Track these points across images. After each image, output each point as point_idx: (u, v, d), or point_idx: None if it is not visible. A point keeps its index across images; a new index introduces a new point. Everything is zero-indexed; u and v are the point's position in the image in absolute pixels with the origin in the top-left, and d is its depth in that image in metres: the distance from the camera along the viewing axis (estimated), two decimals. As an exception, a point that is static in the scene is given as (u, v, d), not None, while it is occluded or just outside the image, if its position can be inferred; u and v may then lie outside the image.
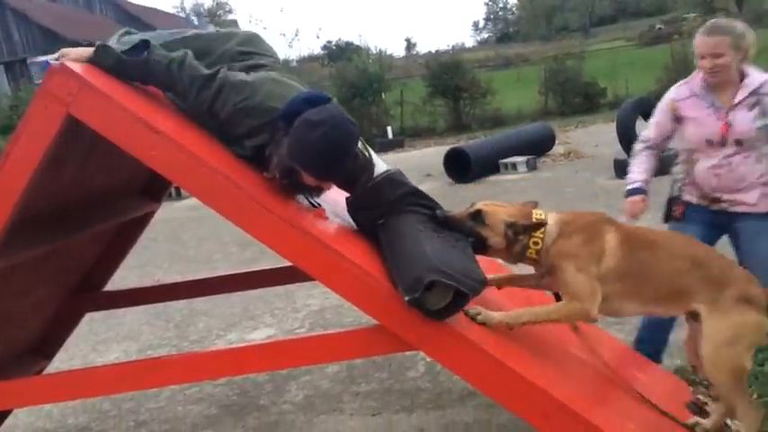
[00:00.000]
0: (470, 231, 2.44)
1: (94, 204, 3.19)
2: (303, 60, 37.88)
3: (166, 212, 11.64)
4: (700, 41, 3.09)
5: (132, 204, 3.60)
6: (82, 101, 2.29)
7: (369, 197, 2.53)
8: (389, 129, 19.38)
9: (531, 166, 11.43)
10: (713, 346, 2.36)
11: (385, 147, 17.59)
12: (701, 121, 3.13)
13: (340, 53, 38.15)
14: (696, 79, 3.19)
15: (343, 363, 4.15)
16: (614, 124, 10.25)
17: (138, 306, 4.76)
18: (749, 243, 3.14)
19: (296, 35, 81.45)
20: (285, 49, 36.02)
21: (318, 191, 2.52)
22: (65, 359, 4.45)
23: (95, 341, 5.33)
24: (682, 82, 3.30)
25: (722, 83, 3.09)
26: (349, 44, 42.02)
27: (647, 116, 10.42)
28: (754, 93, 3.04)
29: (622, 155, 9.44)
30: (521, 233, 2.42)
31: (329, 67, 29.49)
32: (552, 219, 2.50)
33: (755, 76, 3.09)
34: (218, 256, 7.86)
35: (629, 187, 3.37)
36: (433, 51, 29.21)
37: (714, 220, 3.20)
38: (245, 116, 2.38)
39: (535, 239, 2.43)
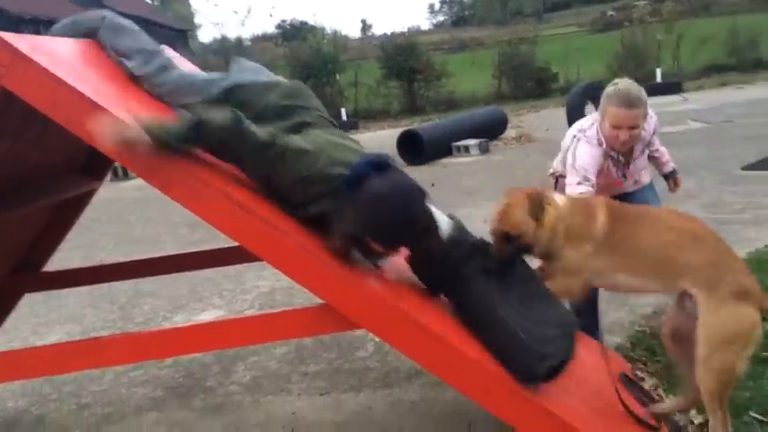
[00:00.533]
0: (522, 250, 2.48)
1: (31, 181, 3.08)
2: (256, 39, 37.32)
3: (112, 192, 11.37)
4: (618, 113, 2.94)
5: (72, 182, 3.48)
6: (15, 73, 2.19)
7: (434, 261, 2.38)
8: (343, 110, 19.28)
9: (484, 149, 11.52)
10: (710, 347, 2.28)
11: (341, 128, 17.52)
12: (613, 172, 3.20)
13: (294, 33, 37.67)
14: (600, 140, 3.07)
15: (291, 344, 4.14)
16: (565, 109, 10.42)
17: (82, 287, 4.63)
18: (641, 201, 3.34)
19: (248, 13, 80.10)
20: (237, 28, 35.28)
21: (384, 256, 2.46)
22: (3, 342, 4.31)
23: (36, 323, 5.17)
24: (591, 146, 3.07)
25: None
26: (303, 24, 41.56)
27: (595, 101, 10.67)
28: (646, 141, 3.24)
29: (572, 139, 9.64)
30: (540, 211, 2.45)
31: (283, 46, 29.10)
32: (556, 198, 2.56)
33: (647, 127, 3.14)
34: (167, 238, 7.71)
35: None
36: (389, 33, 29.10)
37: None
38: (307, 185, 2.29)
39: (547, 224, 2.47)
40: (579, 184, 3.01)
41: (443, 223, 2.39)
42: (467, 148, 11.48)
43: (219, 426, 3.33)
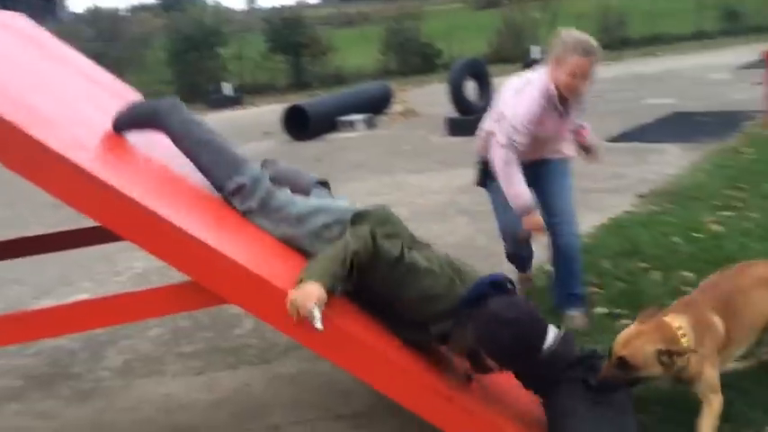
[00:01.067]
0: (628, 382, 2.31)
1: None
2: (134, 10, 35.36)
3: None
4: (579, 62, 3.03)
5: None
6: None
7: (538, 371, 2.34)
8: (226, 85, 18.67)
9: (370, 124, 11.57)
10: None
11: (221, 104, 17.01)
12: (549, 127, 3.29)
13: (174, 3, 36.01)
14: (551, 87, 3.16)
15: (166, 325, 4.00)
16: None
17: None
18: (557, 181, 3.50)
19: (126, -18, 75.84)
20: (113, -2, 33.41)
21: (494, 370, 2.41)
22: None
23: None
24: (539, 88, 3.18)
25: None
26: (185, -6, 39.79)
27: (476, 77, 10.88)
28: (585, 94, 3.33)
29: (453, 114, 9.85)
30: (676, 357, 2.26)
31: (162, 17, 27.78)
32: (684, 325, 2.36)
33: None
34: (32, 220, 7.23)
35: (525, 203, 3.26)
36: (277, 6, 28.47)
37: (530, 171, 3.33)
38: (433, 303, 2.33)
39: (692, 366, 2.32)
40: (503, 147, 3.21)
41: (550, 337, 2.31)
42: (352, 124, 11.49)
43: (89, 412, 3.18)
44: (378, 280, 2.34)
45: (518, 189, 3.24)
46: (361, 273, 2.29)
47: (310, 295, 2.08)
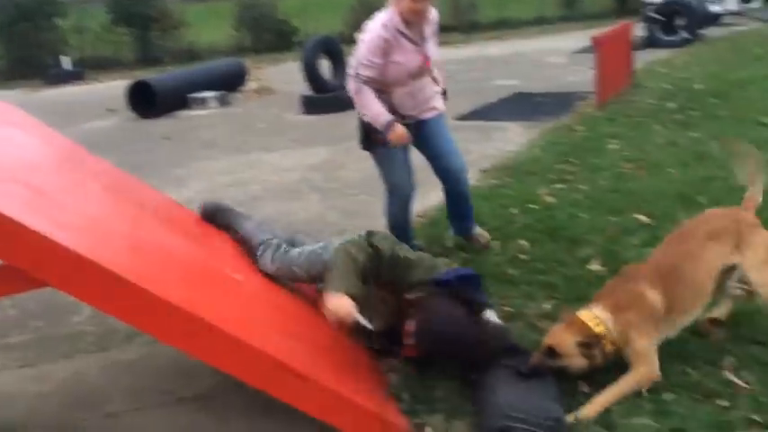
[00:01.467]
0: (556, 369, 2.51)
1: None
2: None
3: None
4: None
5: None
6: None
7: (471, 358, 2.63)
8: (65, 59, 17.28)
9: (223, 102, 11.22)
10: (755, 274, 2.67)
11: (60, 79, 15.80)
12: (407, 57, 3.42)
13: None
14: (395, 18, 3.35)
15: (-9, 315, 3.68)
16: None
17: None
18: (441, 135, 3.79)
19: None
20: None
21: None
22: None
23: None
24: (382, 21, 3.39)
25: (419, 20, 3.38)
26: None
27: (330, 54, 10.81)
28: (435, 24, 3.55)
29: (308, 92, 9.78)
30: (594, 346, 2.47)
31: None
32: (601, 311, 2.54)
33: (433, 10, 3.49)
34: None
35: (385, 120, 3.45)
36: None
37: (414, 133, 3.60)
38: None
39: (605, 341, 2.49)
40: (352, 79, 3.44)
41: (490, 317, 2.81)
42: (204, 101, 11.08)
43: None
44: (386, 275, 2.78)
45: (375, 109, 3.45)
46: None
47: (344, 305, 2.48)
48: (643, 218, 4.18)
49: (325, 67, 10.06)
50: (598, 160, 5.59)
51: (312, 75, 9.56)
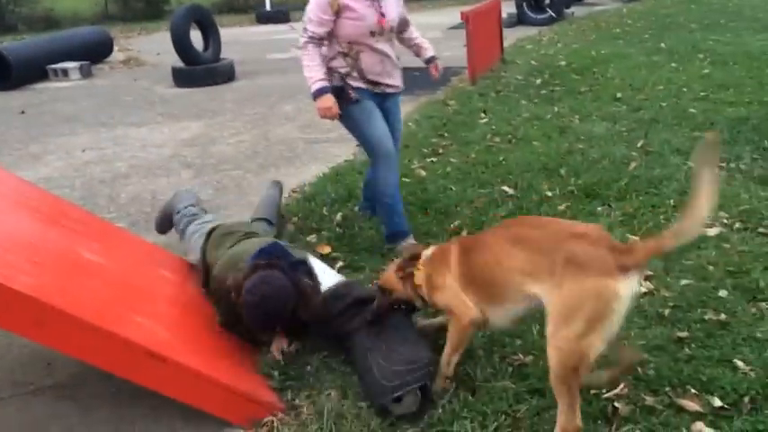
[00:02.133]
0: (395, 304, 2.62)
1: None
2: None
3: None
4: None
5: None
6: None
7: (319, 315, 2.71)
8: None
9: (86, 73, 10.54)
10: (553, 324, 2.04)
11: None
12: (362, 14, 3.31)
13: None
14: None
15: None
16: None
17: None
18: (397, 120, 3.76)
19: None
20: None
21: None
22: None
23: None
24: None
25: None
26: None
27: (201, 25, 10.37)
28: None
29: (180, 63, 9.37)
30: (406, 269, 2.55)
31: None
32: (425, 253, 2.59)
33: None
34: None
35: (316, 88, 3.31)
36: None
37: (376, 100, 3.55)
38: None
39: (417, 282, 2.54)
40: (302, 37, 3.35)
41: (326, 282, 2.85)
42: (65, 72, 10.36)
43: None
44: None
45: (312, 72, 3.32)
46: None
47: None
48: (509, 189, 4.36)
49: (197, 37, 9.67)
50: (469, 134, 5.76)
51: (182, 46, 9.15)
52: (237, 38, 14.14)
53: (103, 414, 2.51)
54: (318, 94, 3.32)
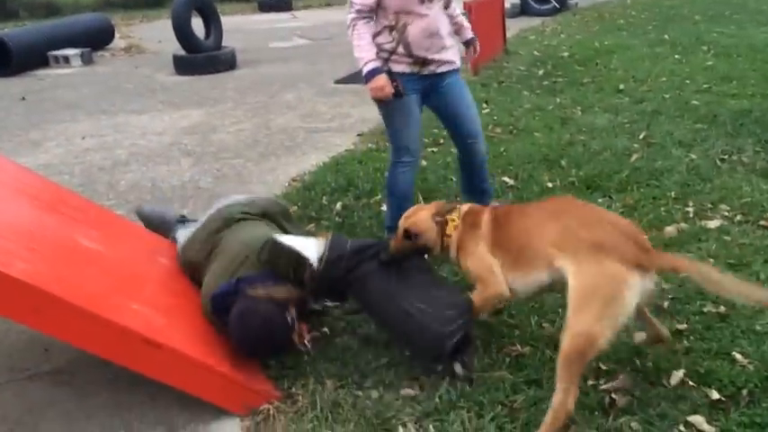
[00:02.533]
0: (418, 251, 2.57)
1: None
2: None
3: None
4: None
5: None
6: None
7: (321, 285, 2.56)
8: None
9: (87, 60, 10.53)
10: (571, 308, 2.09)
11: None
12: None
13: None
14: None
15: None
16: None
17: None
18: (462, 99, 3.42)
19: None
20: None
21: None
22: None
23: None
24: None
25: None
26: None
27: (201, 12, 10.33)
28: None
29: (181, 51, 9.34)
30: (445, 214, 2.52)
31: None
32: (461, 210, 2.58)
33: None
34: None
35: (367, 69, 3.11)
36: None
37: (422, 86, 3.29)
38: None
39: (448, 231, 2.53)
40: (349, 14, 3.14)
41: (312, 252, 2.55)
42: (67, 59, 10.34)
43: None
44: None
45: (363, 51, 3.11)
46: None
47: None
48: (510, 180, 4.35)
49: (199, 26, 9.64)
50: (470, 124, 5.73)
51: (183, 33, 9.13)
52: (239, 26, 14.10)
53: (100, 400, 2.51)
54: (370, 75, 3.11)
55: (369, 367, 2.54)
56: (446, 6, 3.34)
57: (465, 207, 2.63)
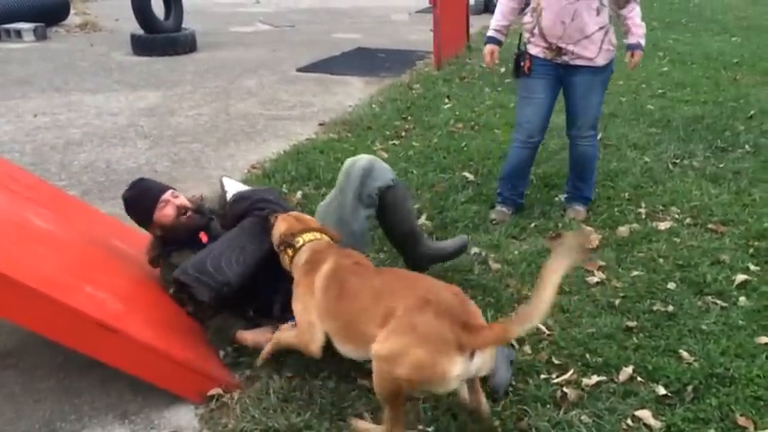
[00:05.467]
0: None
1: None
2: None
3: None
4: None
5: None
6: None
7: (226, 219, 2.78)
8: None
9: (40, 36, 10.18)
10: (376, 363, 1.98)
11: None
12: None
13: None
14: None
15: None
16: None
17: None
18: (582, 98, 3.50)
19: None
20: None
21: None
22: None
23: None
24: None
25: None
26: None
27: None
28: None
29: (139, 31, 9.11)
30: (285, 245, 2.43)
31: None
32: (308, 245, 2.41)
33: None
34: None
35: (488, 34, 3.60)
36: None
37: (557, 73, 3.44)
38: None
39: (290, 254, 2.43)
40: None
41: (233, 190, 2.92)
42: (19, 33, 9.99)
43: None
44: None
45: (492, 21, 3.64)
46: None
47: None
48: (470, 175, 4.39)
49: (158, 5, 9.41)
50: (432, 119, 5.77)
51: (143, 12, 8.89)
52: (201, 8, 13.82)
53: (50, 384, 2.45)
54: (485, 42, 3.62)
55: (325, 357, 2.54)
56: (620, 7, 3.38)
57: (310, 242, 2.42)
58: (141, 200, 2.77)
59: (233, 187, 2.98)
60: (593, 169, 3.83)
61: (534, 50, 3.44)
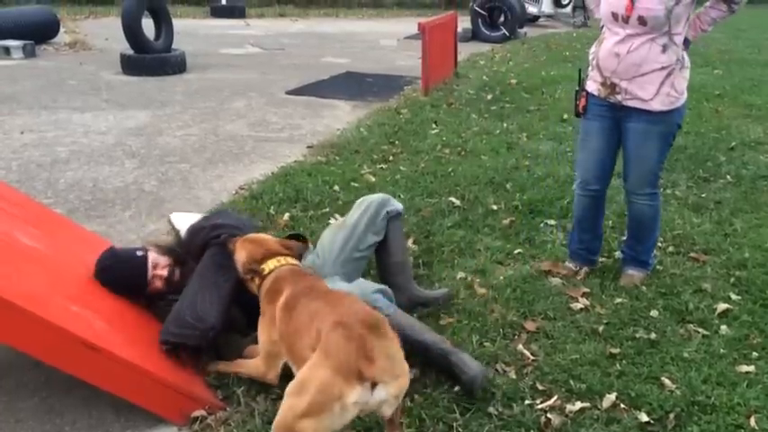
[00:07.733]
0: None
1: None
2: None
3: None
4: None
5: None
6: None
7: (191, 254, 2.74)
8: None
9: (29, 53, 10.19)
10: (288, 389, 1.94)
11: None
12: None
13: None
14: None
15: None
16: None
17: None
18: (636, 148, 3.09)
19: None
20: None
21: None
22: None
23: None
24: None
25: None
26: None
27: (153, 12, 10.15)
28: None
29: (129, 50, 9.14)
30: (250, 275, 2.44)
31: None
32: (275, 272, 2.41)
33: None
34: None
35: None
36: None
37: (613, 115, 3.09)
38: None
39: (257, 281, 2.43)
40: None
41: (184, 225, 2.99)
42: (7, 50, 9.98)
43: None
44: None
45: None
46: None
47: None
48: (456, 200, 4.42)
49: (148, 26, 9.46)
50: (420, 144, 5.82)
51: (133, 32, 8.93)
52: (191, 30, 13.91)
53: (32, 403, 2.42)
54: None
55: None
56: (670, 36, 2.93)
57: (275, 269, 2.42)
58: (127, 279, 2.67)
59: (183, 222, 3.01)
60: (654, 230, 3.34)
61: (591, 87, 3.13)
